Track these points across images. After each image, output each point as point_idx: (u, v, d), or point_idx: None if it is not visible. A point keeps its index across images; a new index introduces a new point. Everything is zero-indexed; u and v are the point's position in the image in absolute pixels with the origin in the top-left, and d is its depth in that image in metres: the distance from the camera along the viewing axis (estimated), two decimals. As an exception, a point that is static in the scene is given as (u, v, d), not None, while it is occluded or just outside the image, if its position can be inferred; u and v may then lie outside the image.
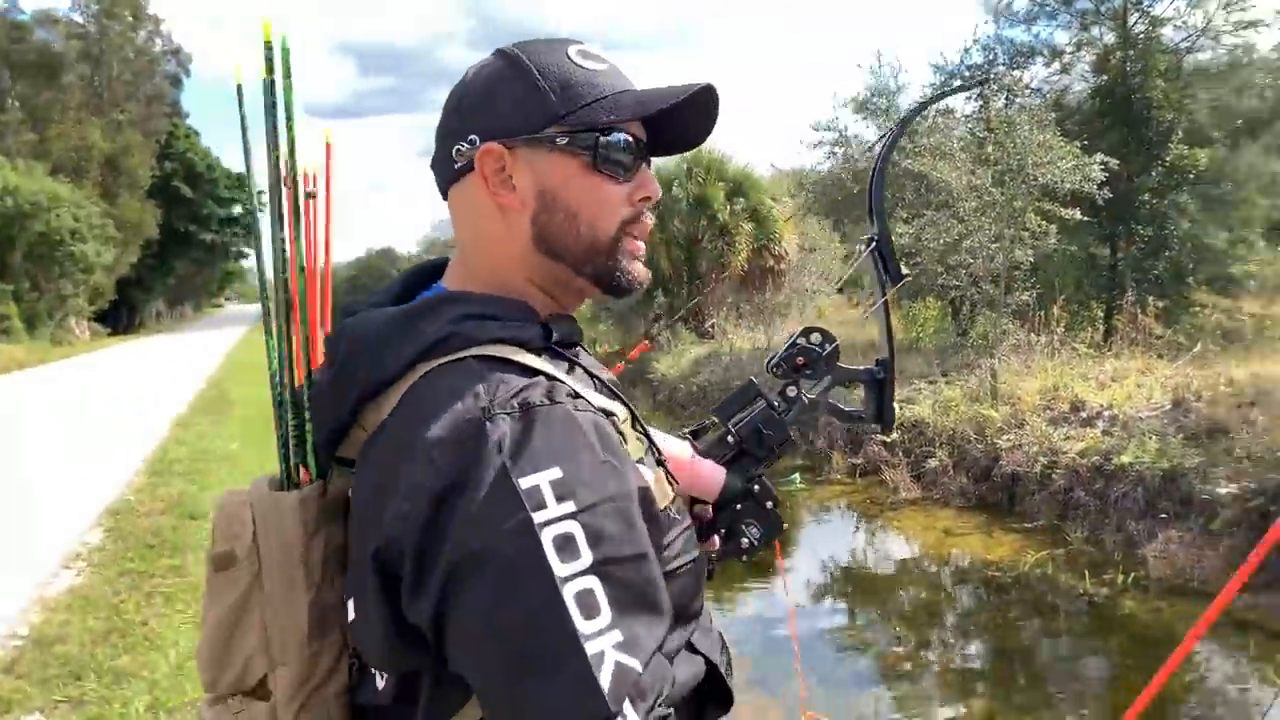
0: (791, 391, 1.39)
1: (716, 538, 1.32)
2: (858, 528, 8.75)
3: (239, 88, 1.11)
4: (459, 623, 0.82)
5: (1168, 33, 14.62)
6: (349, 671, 1.01)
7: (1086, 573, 6.69)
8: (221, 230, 48.40)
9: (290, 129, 1.05)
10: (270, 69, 1.02)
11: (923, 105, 1.90)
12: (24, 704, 3.97)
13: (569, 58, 1.01)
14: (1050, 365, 9.85)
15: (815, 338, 1.42)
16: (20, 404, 14.96)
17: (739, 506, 1.30)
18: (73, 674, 4.26)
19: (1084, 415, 8.59)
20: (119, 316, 43.88)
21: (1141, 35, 14.47)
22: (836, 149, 17.17)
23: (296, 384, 1.06)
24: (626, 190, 1.03)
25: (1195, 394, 8.05)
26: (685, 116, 1.04)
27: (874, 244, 1.45)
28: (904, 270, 1.48)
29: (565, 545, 0.81)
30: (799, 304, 19.18)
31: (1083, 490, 7.70)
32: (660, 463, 1.04)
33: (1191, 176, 13.94)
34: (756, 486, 1.32)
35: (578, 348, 1.07)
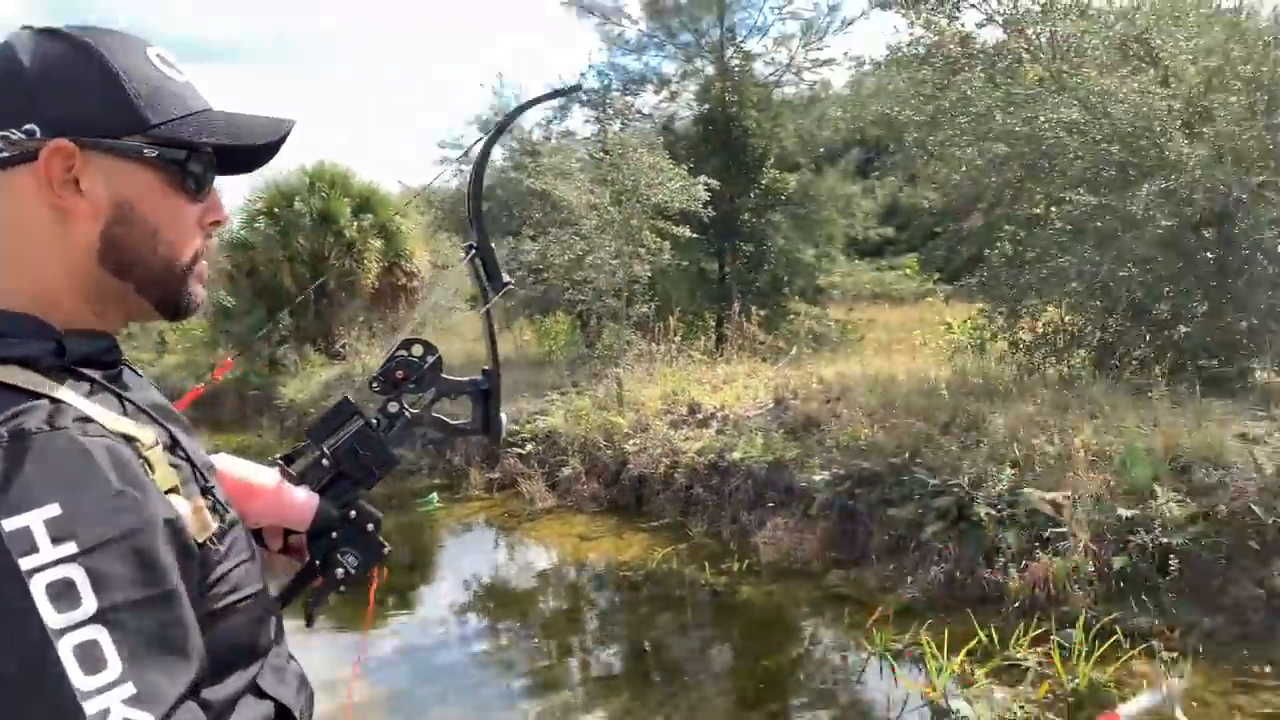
0: (393, 407, 1.33)
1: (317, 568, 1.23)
2: (497, 542, 8.79)
3: None
4: None
5: (759, 67, 16.18)
6: None
7: (707, 564, 7.15)
8: None
9: None
10: None
11: (519, 110, 1.93)
12: None
13: (150, 61, 0.93)
14: (669, 372, 10.49)
15: (417, 350, 1.37)
16: None
17: (334, 534, 1.22)
18: None
19: (700, 417, 9.22)
20: None
21: (737, 69, 15.85)
22: (463, 166, 17.24)
23: None
24: (199, 211, 0.97)
25: (793, 393, 8.90)
26: (258, 146, 0.99)
27: (474, 251, 1.43)
28: (506, 278, 1.47)
29: (63, 593, 0.71)
30: (434, 321, 19.03)
31: (701, 486, 8.24)
32: (207, 490, 0.94)
33: (783, 198, 15.49)
34: (354, 511, 1.24)
35: (119, 367, 0.95)
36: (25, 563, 0.70)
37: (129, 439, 0.85)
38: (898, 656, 5.40)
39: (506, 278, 1.46)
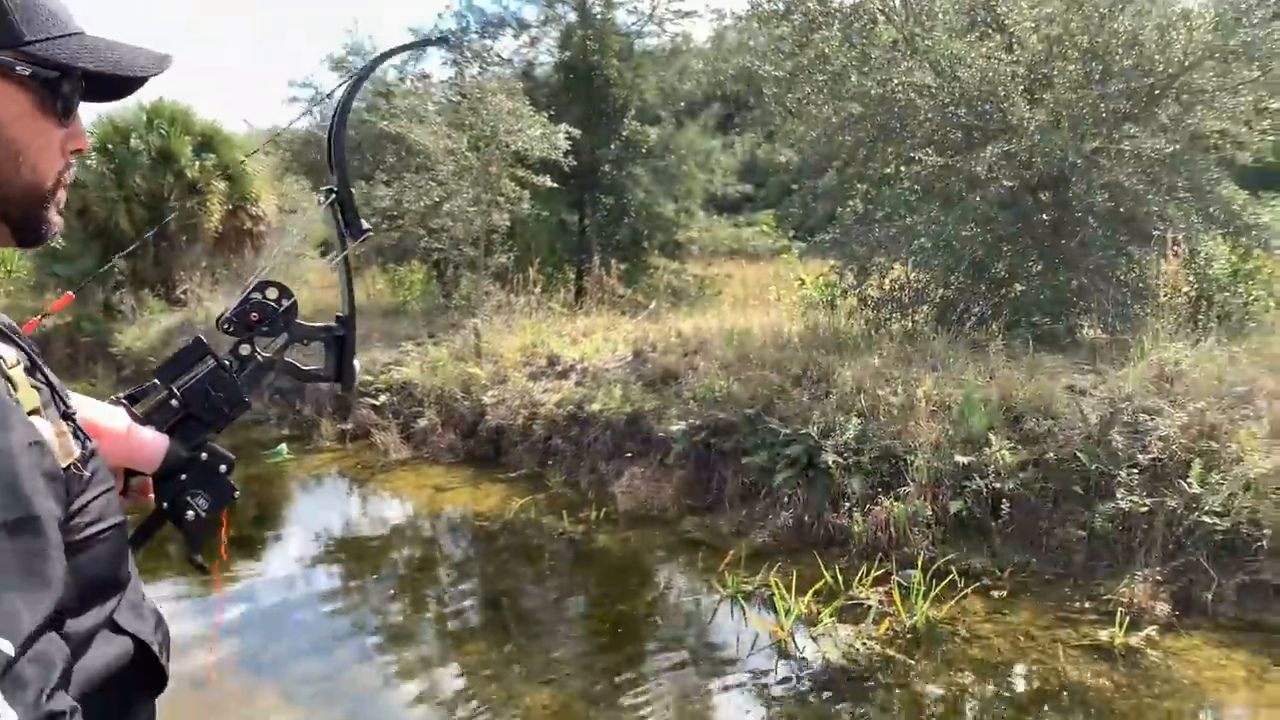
0: (245, 350, 1.30)
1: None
2: (350, 493, 8.62)
3: None
4: None
5: (621, 16, 16.06)
6: None
7: (565, 513, 7.19)
8: None
9: None
10: None
11: (385, 55, 1.87)
12: None
13: None
14: (529, 324, 10.43)
15: (271, 293, 1.34)
16: None
17: (184, 476, 1.18)
18: None
19: (559, 369, 9.21)
20: None
21: (599, 17, 15.70)
22: (314, 107, 16.62)
23: None
24: (63, 136, 0.92)
25: (651, 345, 8.98)
26: (132, 78, 0.96)
27: (333, 196, 1.39)
28: (365, 225, 1.44)
29: None
30: (282, 269, 18.38)
31: (560, 438, 8.27)
32: (68, 416, 0.90)
33: (644, 151, 15.48)
34: (205, 453, 1.20)
35: None
36: None
37: None
38: (748, 598, 5.58)
39: (366, 225, 1.43)
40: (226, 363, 1.26)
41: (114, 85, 0.96)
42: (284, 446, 9.51)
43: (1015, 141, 7.97)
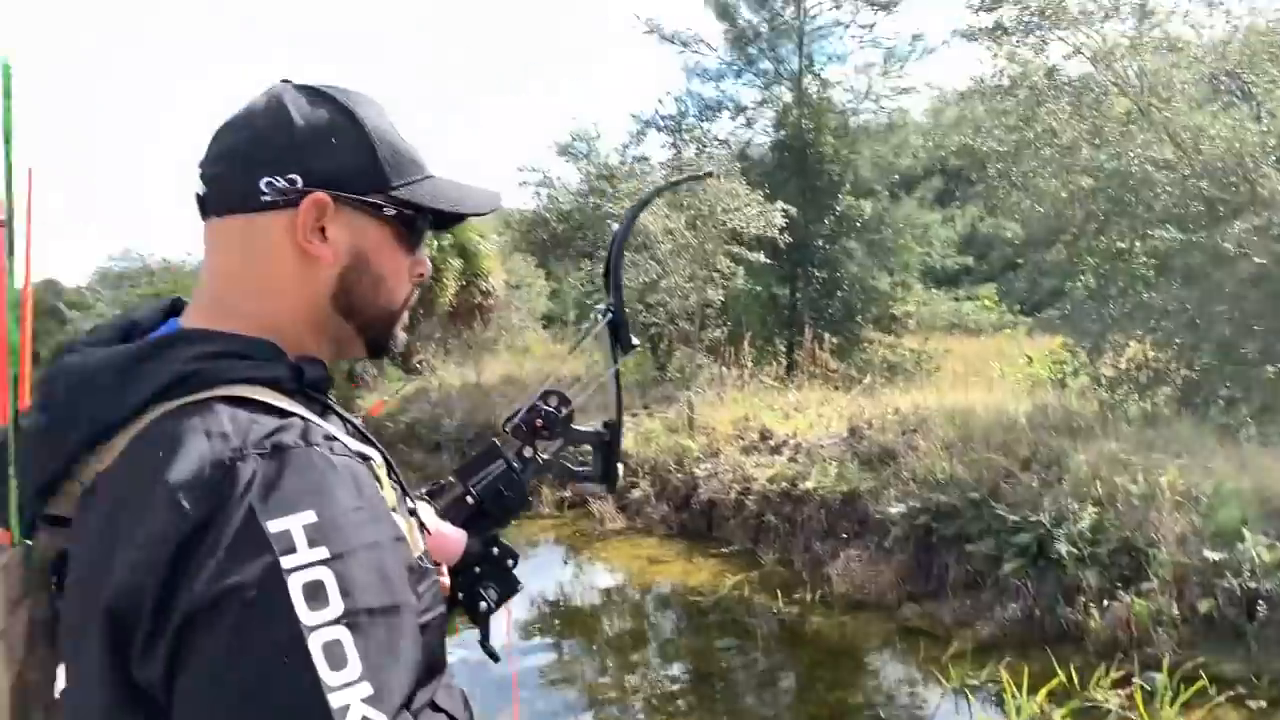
0: (528, 452, 1.41)
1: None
2: (566, 560, 8.85)
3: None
4: (190, 674, 0.75)
5: (837, 94, 16.16)
6: None
7: (779, 592, 7.11)
8: None
9: (8, 153, 1.00)
10: None
11: (658, 190, 2.00)
12: None
13: (393, 127, 1.03)
14: (741, 397, 10.48)
15: (553, 401, 1.45)
16: None
17: (478, 570, 1.29)
18: None
19: (772, 444, 9.18)
20: None
21: (815, 96, 15.86)
22: (541, 190, 17.50)
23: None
24: (410, 264, 1.06)
25: (867, 422, 8.83)
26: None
27: (610, 314, 1.50)
28: (634, 340, 1.54)
29: (315, 593, 0.76)
30: (506, 339, 19.30)
31: (773, 514, 8.21)
32: (413, 512, 1.02)
33: (858, 224, 15.39)
34: (496, 548, 1.31)
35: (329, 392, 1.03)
36: (285, 561, 0.76)
37: (364, 458, 0.92)
38: (974, 693, 5.32)
39: (635, 341, 1.53)
40: (514, 464, 1.36)
41: (450, 220, 1.09)
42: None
43: (1267, 215, 7.44)
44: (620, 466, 1.48)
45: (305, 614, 0.75)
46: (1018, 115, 9.77)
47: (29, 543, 0.93)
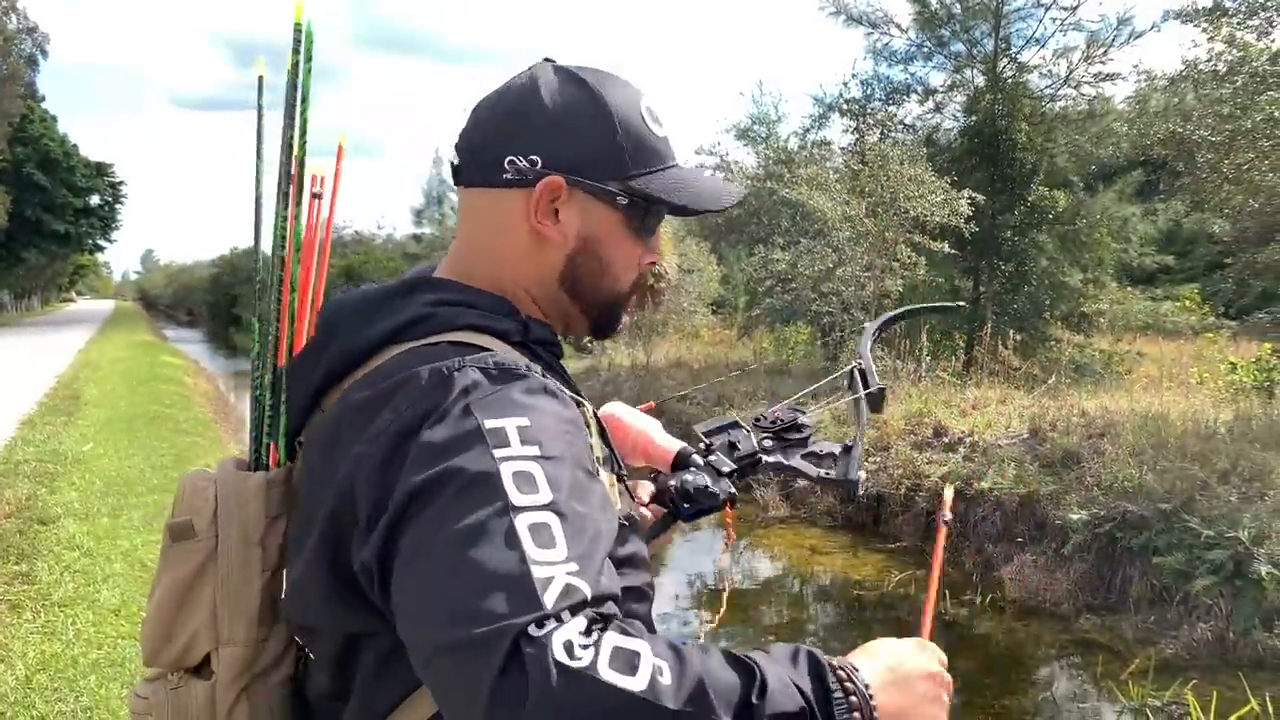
0: (768, 443, 1.44)
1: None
2: (726, 545, 8.82)
3: (259, 79, 1.10)
4: (405, 545, 0.80)
5: (1033, 79, 15.39)
6: (296, 664, 1.02)
7: (947, 593, 6.89)
8: (76, 221, 46.00)
9: (305, 113, 1.07)
10: (296, 52, 1.05)
11: (898, 316, 1.97)
12: None
13: (642, 115, 1.04)
14: (915, 392, 10.18)
15: (803, 418, 1.47)
16: None
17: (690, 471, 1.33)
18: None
19: (946, 440, 8.89)
20: (-42, 307, 41.31)
21: (1009, 80, 15.17)
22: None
23: (279, 365, 1.08)
24: (641, 251, 1.08)
25: (1050, 424, 8.42)
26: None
27: (859, 367, 1.60)
28: (878, 383, 1.57)
29: (525, 481, 0.80)
30: (676, 323, 19.37)
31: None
32: (622, 477, 1.07)
33: (1050, 216, 14.63)
34: (710, 454, 1.36)
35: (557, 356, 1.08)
36: (499, 452, 0.80)
37: (579, 403, 0.97)
38: (1156, 714, 5.02)
39: (878, 383, 1.57)
40: (749, 433, 1.42)
41: (689, 212, 1.12)
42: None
43: None
44: (863, 475, 1.44)
45: (515, 495, 0.79)
46: (1234, 103, 9.07)
47: (290, 464, 1.05)
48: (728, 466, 1.34)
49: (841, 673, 0.83)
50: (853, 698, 0.82)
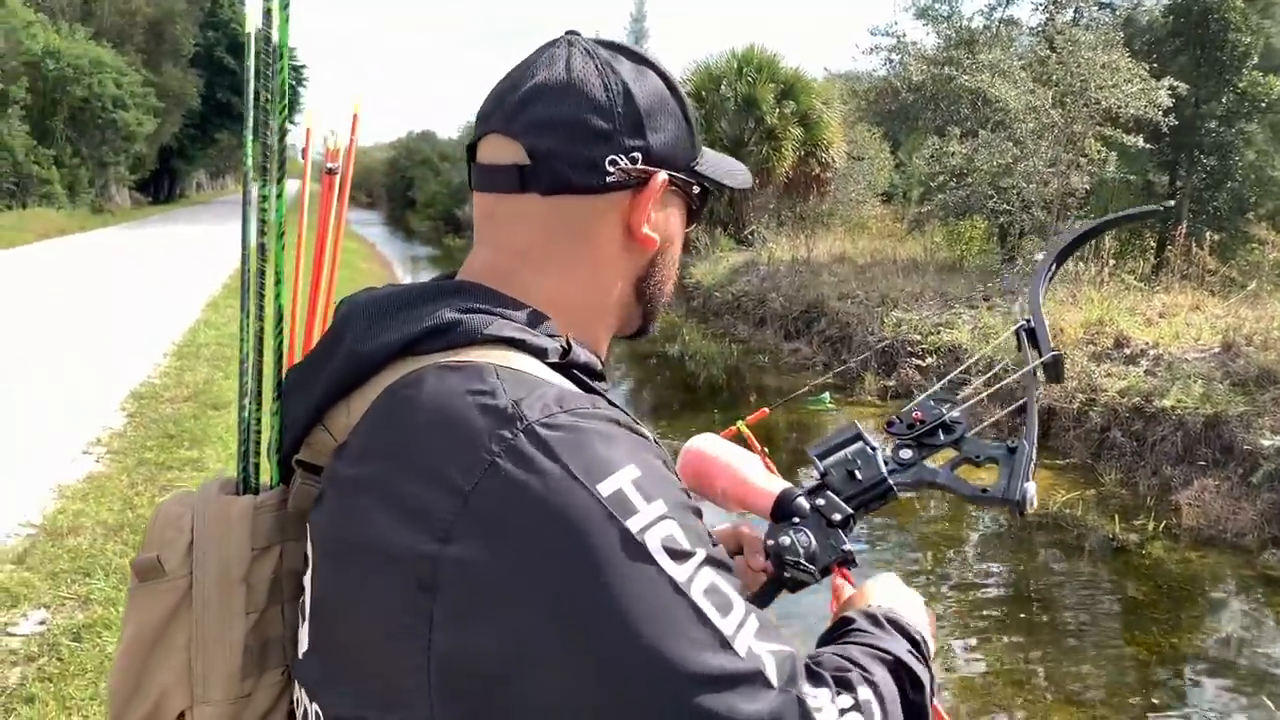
0: (906, 454, 1.23)
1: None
2: (884, 449, 8.62)
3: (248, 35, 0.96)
4: (565, 676, 0.66)
5: (1253, -51, 13.81)
6: (290, 718, 0.85)
7: (1117, 516, 6.55)
8: (265, 104, 47.99)
9: (283, 69, 0.95)
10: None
11: (1094, 231, 1.69)
12: (31, 598, 3.95)
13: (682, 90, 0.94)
14: (1097, 297, 9.56)
15: (948, 409, 1.27)
16: (57, 272, 15.04)
17: (795, 522, 1.09)
18: (82, 570, 4.20)
19: (1127, 353, 8.35)
20: (160, 186, 44.10)
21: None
22: (894, 55, 16.58)
23: (271, 368, 0.94)
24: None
25: (1246, 338, 7.77)
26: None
27: (1028, 325, 1.38)
28: (1053, 349, 1.35)
29: (673, 546, 0.70)
30: (842, 213, 18.75)
31: (1120, 431, 7.51)
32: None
33: (1263, 105, 13.32)
34: (821, 500, 1.11)
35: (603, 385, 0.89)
36: (633, 523, 0.68)
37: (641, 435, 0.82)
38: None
39: (1054, 349, 1.35)
40: (875, 448, 1.19)
41: (731, 191, 1.02)
42: (827, 395, 9.71)
43: None
44: (1033, 487, 1.20)
45: (674, 570, 0.68)
46: None
47: (286, 486, 0.88)
48: (839, 513, 1.09)
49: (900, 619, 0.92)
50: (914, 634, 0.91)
